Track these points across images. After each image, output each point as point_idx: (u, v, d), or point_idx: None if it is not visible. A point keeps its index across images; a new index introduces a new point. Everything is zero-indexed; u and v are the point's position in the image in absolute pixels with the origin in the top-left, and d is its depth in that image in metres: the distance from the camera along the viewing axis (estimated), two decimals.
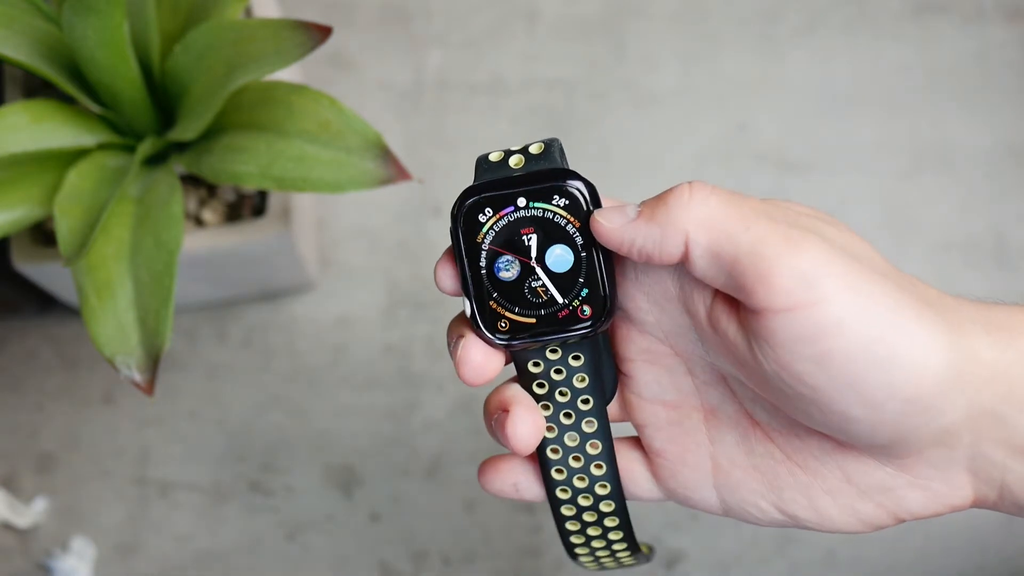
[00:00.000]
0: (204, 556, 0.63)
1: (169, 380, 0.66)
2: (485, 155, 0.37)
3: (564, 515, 0.40)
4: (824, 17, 0.71)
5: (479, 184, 0.37)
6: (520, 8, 0.72)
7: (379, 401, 0.65)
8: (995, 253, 0.66)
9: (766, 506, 0.38)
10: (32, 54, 0.53)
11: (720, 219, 0.34)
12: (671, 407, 0.39)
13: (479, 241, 0.37)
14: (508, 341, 0.37)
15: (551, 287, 0.37)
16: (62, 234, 0.51)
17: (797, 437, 0.37)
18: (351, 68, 0.72)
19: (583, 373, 0.38)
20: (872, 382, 0.33)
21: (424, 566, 0.62)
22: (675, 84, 0.70)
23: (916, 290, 0.34)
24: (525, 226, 0.36)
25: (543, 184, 0.36)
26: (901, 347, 0.33)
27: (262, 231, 0.59)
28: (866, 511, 0.37)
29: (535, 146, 0.37)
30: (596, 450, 0.39)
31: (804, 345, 0.33)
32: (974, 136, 0.68)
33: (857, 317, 0.32)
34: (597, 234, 0.36)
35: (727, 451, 0.38)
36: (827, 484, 0.37)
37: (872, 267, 0.34)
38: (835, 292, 0.32)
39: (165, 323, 0.50)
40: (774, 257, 0.33)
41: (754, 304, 0.33)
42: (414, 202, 0.68)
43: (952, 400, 0.33)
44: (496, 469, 0.40)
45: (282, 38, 0.50)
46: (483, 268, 0.37)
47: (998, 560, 0.60)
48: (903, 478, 0.36)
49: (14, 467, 0.65)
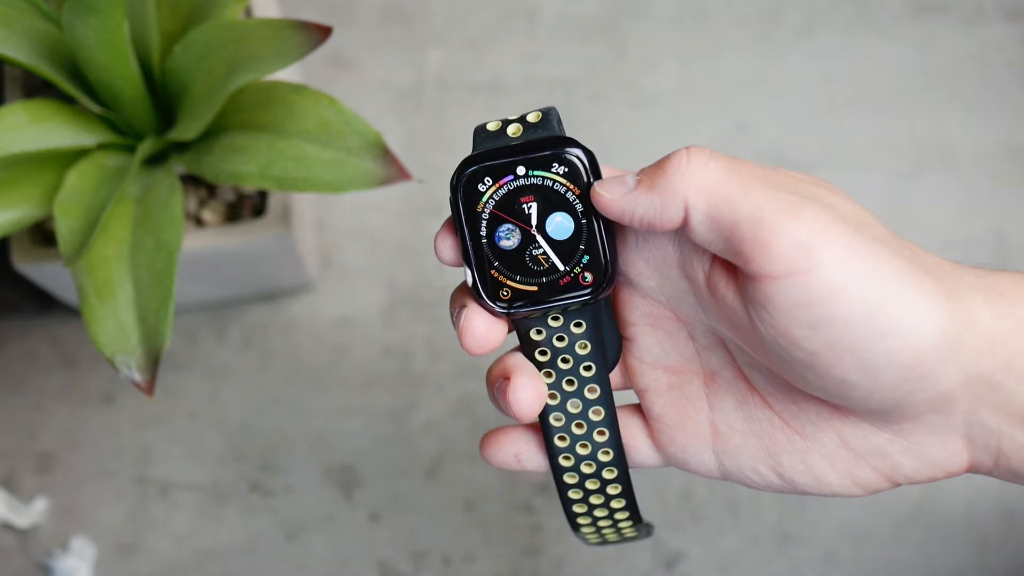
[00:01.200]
0: (204, 556, 0.63)
1: (169, 380, 0.66)
2: (483, 124, 0.37)
3: (567, 483, 0.40)
4: (824, 17, 0.71)
5: (478, 153, 0.37)
6: (520, 8, 0.72)
7: (379, 401, 0.65)
8: (995, 253, 0.66)
9: (764, 470, 0.38)
10: (32, 54, 0.53)
11: (719, 184, 0.34)
12: (672, 371, 0.39)
13: (479, 210, 0.37)
14: (510, 309, 0.37)
15: (552, 255, 0.37)
16: (62, 234, 0.51)
17: (794, 403, 0.37)
18: (351, 68, 0.72)
19: (585, 340, 0.38)
20: (869, 348, 0.33)
21: (424, 566, 0.62)
22: (675, 84, 0.70)
23: (916, 257, 0.34)
24: (525, 194, 0.37)
25: (542, 152, 0.36)
26: (899, 313, 0.33)
27: (262, 231, 0.59)
28: (862, 475, 0.37)
29: (532, 115, 0.37)
30: (599, 417, 0.39)
31: (802, 311, 0.33)
32: (974, 136, 0.68)
33: (855, 283, 0.33)
34: (598, 206, 0.36)
35: (726, 416, 0.38)
36: (824, 449, 0.37)
37: (871, 234, 0.34)
38: (833, 258, 0.33)
39: (165, 323, 0.50)
40: (773, 223, 0.33)
41: (752, 270, 0.33)
42: (414, 202, 0.68)
43: (949, 367, 0.34)
44: (497, 441, 0.40)
45: (282, 38, 0.50)
46: (484, 237, 0.37)
47: (998, 556, 0.60)
48: (899, 443, 0.36)
49: (14, 467, 0.65)
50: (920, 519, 0.61)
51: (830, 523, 0.61)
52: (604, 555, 0.61)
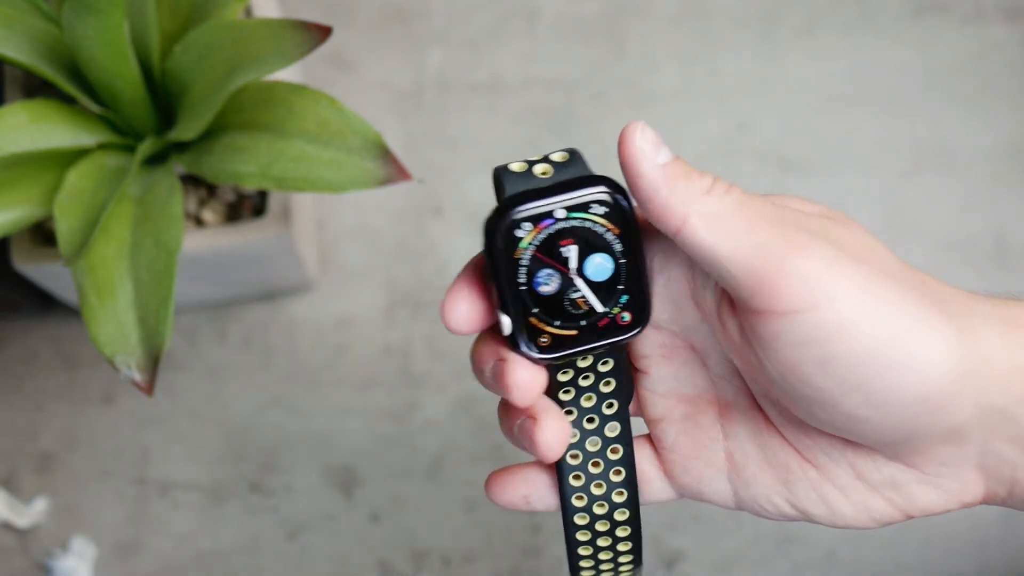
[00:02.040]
0: (204, 556, 0.63)
1: (169, 380, 0.66)
2: (504, 166, 0.36)
3: (576, 524, 0.39)
4: (824, 17, 0.71)
5: (514, 196, 0.35)
6: (520, 8, 0.72)
7: (379, 401, 0.65)
8: (995, 253, 0.66)
9: (779, 501, 0.38)
10: (32, 54, 0.53)
11: (726, 217, 0.33)
12: (686, 401, 0.39)
13: (516, 257, 0.35)
14: (552, 355, 0.36)
15: (591, 297, 0.36)
16: (62, 234, 0.51)
17: (806, 435, 0.37)
18: (351, 68, 0.72)
19: (610, 377, 0.37)
20: (879, 384, 0.32)
21: (424, 566, 0.62)
22: (675, 84, 0.70)
23: (927, 289, 0.34)
24: (564, 238, 0.35)
25: (579, 192, 0.35)
26: (909, 349, 0.32)
27: (262, 231, 0.59)
28: (877, 507, 0.37)
29: (557, 154, 0.36)
30: (616, 455, 0.38)
31: (807, 348, 0.33)
32: (974, 136, 0.68)
33: (863, 320, 0.32)
34: (623, 141, 0.35)
35: (741, 445, 0.38)
36: (838, 480, 0.37)
37: (880, 268, 0.33)
38: (840, 294, 0.32)
39: (165, 323, 0.50)
40: (777, 259, 0.32)
41: (756, 305, 0.33)
42: (414, 202, 0.68)
43: (962, 401, 0.33)
44: (505, 482, 0.39)
45: (282, 38, 0.50)
46: (522, 284, 0.35)
47: (998, 559, 0.60)
48: (913, 474, 0.36)
49: (14, 467, 0.65)
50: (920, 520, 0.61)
51: None
52: None
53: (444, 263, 0.67)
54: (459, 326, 0.36)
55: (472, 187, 0.68)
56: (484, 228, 0.35)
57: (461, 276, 0.36)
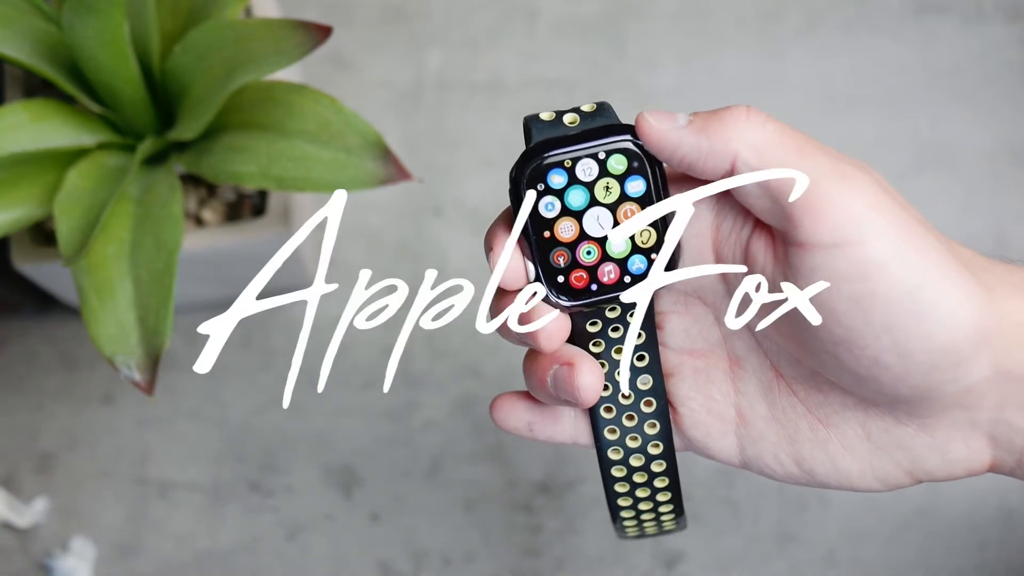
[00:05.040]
0: (204, 556, 0.63)
1: (169, 380, 0.66)
2: (535, 115, 0.36)
3: (614, 476, 0.39)
4: (824, 17, 0.71)
5: (541, 142, 0.35)
6: (520, 8, 0.72)
7: (379, 401, 0.65)
8: (995, 253, 0.66)
9: (785, 459, 0.38)
10: (32, 54, 0.53)
11: (774, 145, 0.34)
12: (698, 356, 0.39)
13: (543, 204, 0.36)
14: (577, 303, 0.37)
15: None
16: (62, 234, 0.51)
17: (819, 391, 0.37)
18: (351, 68, 0.72)
19: (641, 330, 0.38)
20: (907, 328, 0.33)
21: (424, 566, 0.62)
22: (675, 84, 0.70)
23: (952, 247, 0.35)
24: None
25: (605, 140, 0.35)
26: (939, 297, 0.33)
27: (262, 231, 0.59)
28: (884, 469, 0.37)
29: (587, 105, 0.36)
30: (650, 408, 0.39)
31: (845, 283, 0.33)
32: (974, 136, 0.68)
33: (902, 262, 0.33)
34: (642, 133, 0.35)
35: (751, 401, 0.38)
36: (846, 439, 0.37)
37: (915, 215, 0.34)
38: (882, 234, 0.33)
39: (165, 323, 0.50)
40: (826, 191, 0.33)
41: (800, 237, 0.33)
42: (414, 202, 0.68)
43: (980, 358, 0.34)
44: (511, 405, 0.40)
45: (282, 38, 0.50)
46: (548, 233, 0.36)
47: (998, 559, 0.60)
48: (923, 438, 0.36)
49: (14, 467, 0.65)
50: (920, 520, 0.61)
51: (830, 523, 0.61)
52: (604, 555, 0.61)
53: (444, 263, 0.66)
54: (504, 265, 0.36)
55: (472, 187, 0.68)
56: (510, 174, 0.36)
57: (499, 226, 0.37)
